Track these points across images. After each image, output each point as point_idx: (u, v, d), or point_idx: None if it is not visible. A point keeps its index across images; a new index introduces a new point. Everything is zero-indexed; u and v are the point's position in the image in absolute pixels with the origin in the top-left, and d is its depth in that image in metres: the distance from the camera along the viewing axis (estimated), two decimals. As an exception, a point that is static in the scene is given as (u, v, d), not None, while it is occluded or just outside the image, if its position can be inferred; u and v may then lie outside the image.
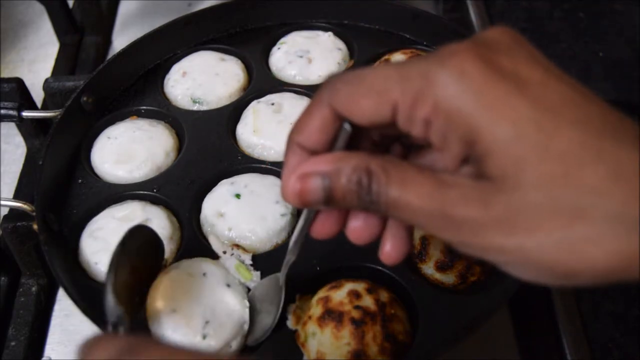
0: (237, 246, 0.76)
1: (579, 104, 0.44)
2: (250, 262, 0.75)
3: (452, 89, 0.44)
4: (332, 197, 0.49)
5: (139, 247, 0.64)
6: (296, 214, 0.81)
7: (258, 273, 0.74)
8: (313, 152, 0.51)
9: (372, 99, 0.47)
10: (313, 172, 0.49)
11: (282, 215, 0.79)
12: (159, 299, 0.70)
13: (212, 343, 0.68)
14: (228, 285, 0.72)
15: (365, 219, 0.53)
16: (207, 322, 0.68)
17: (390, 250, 0.53)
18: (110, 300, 0.58)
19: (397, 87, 0.46)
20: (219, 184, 0.83)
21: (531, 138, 0.44)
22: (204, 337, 0.68)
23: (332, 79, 0.50)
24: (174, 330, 0.68)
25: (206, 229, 0.80)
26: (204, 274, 0.72)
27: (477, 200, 0.46)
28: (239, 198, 0.80)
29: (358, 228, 0.53)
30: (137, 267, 0.64)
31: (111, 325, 0.57)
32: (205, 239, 0.79)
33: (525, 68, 0.45)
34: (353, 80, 0.48)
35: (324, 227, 0.54)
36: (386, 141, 0.54)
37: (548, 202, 0.44)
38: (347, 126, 0.50)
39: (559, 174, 0.44)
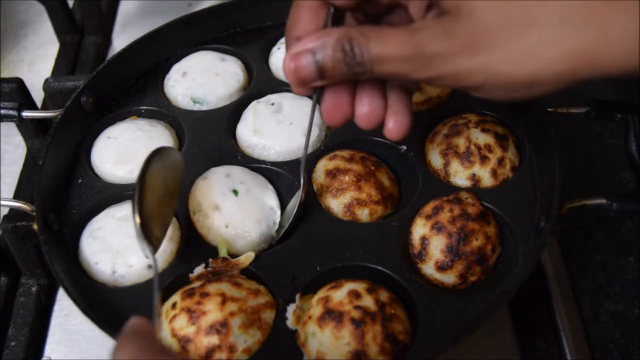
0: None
1: None
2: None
3: None
4: (323, 69, 0.55)
5: (160, 172, 0.70)
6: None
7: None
8: None
9: None
10: (303, 49, 0.55)
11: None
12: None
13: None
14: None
15: (370, 103, 0.60)
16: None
17: (393, 126, 0.61)
18: (140, 238, 0.64)
19: None
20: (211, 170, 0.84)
21: None
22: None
23: None
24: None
25: (198, 217, 0.79)
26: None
27: (442, 34, 0.53)
28: (236, 195, 0.80)
29: (365, 113, 0.61)
30: (161, 190, 0.71)
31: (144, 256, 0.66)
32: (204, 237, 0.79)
33: None
34: None
35: (333, 111, 0.61)
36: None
37: (500, 17, 0.51)
38: (330, 8, 0.57)
39: None
